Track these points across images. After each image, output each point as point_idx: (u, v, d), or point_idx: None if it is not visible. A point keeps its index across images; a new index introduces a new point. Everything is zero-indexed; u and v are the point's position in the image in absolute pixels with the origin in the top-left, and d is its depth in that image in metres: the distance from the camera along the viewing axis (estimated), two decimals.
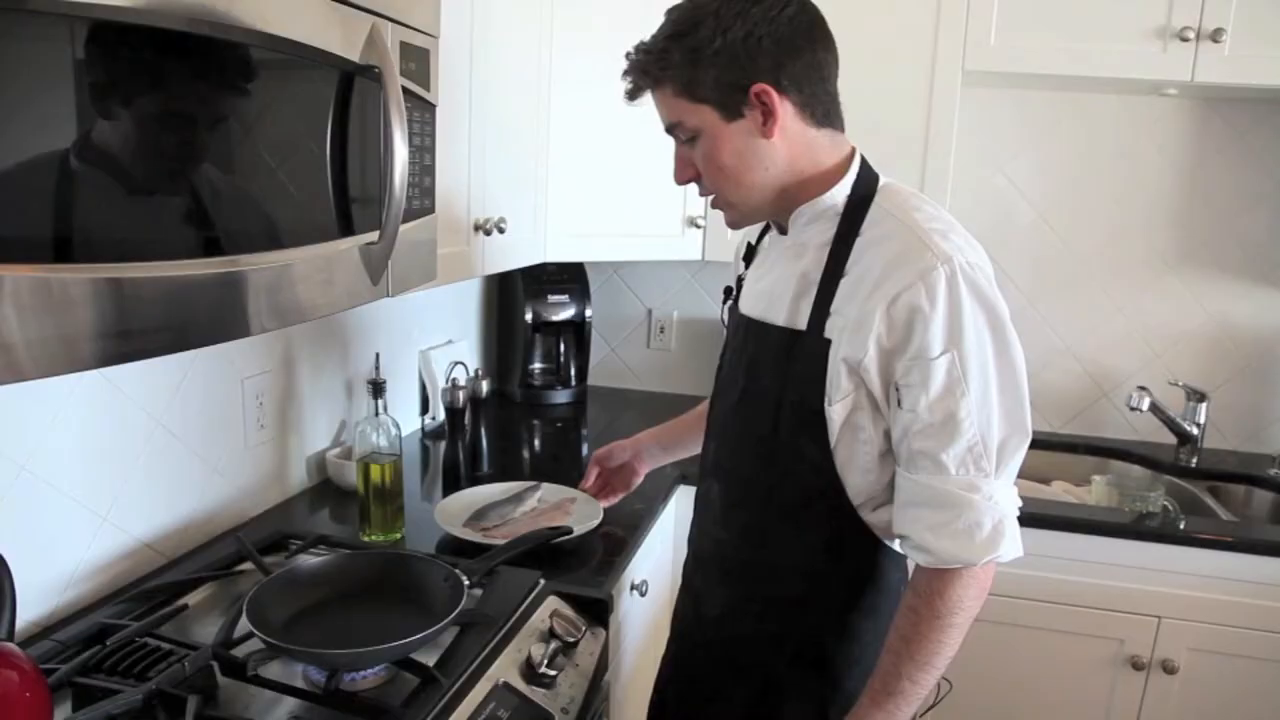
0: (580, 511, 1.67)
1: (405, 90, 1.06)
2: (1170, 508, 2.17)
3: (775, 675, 1.22)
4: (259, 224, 0.91)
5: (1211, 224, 2.38)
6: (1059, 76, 2.10)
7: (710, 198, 1.19)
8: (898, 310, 1.02)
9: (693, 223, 2.22)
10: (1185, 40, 1.95)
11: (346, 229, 1.03)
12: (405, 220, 1.08)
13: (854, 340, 1.05)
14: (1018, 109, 2.41)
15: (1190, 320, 2.42)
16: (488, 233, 1.60)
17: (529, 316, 2.46)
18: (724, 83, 1.06)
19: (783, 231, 1.20)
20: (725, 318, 1.35)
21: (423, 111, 1.17)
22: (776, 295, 1.16)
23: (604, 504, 1.66)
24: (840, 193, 1.12)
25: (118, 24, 0.70)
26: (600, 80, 1.97)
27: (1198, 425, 2.34)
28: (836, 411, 1.09)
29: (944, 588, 1.05)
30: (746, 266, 1.31)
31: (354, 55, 0.98)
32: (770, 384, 1.15)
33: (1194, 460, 2.33)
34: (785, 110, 1.08)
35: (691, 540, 1.36)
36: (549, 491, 1.74)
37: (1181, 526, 1.95)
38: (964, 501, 1.03)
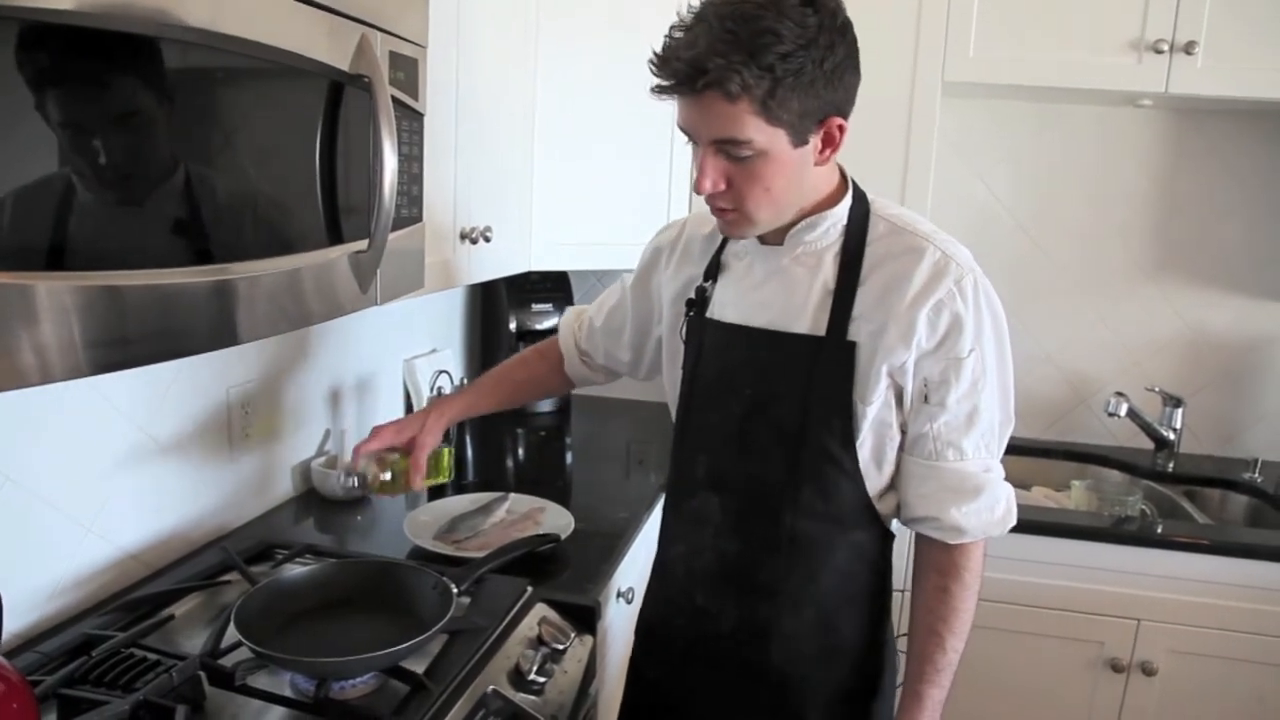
0: (550, 520, 1.67)
1: (394, 100, 1.06)
2: (1148, 512, 2.20)
3: (802, 674, 1.23)
4: (249, 232, 0.91)
5: (1187, 233, 2.42)
6: (1037, 88, 2.13)
7: (715, 203, 1.15)
8: (940, 315, 1.12)
9: None
10: (1159, 52, 1.99)
11: (336, 237, 1.04)
12: (394, 229, 1.08)
13: (894, 344, 1.12)
14: (997, 119, 2.44)
15: (1167, 327, 2.46)
16: (474, 241, 1.61)
17: (513, 325, 2.46)
18: (805, 110, 1.04)
19: (763, 242, 1.21)
20: (684, 332, 1.31)
21: (411, 121, 1.17)
22: (795, 304, 1.18)
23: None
24: (844, 208, 1.18)
25: (100, 32, 0.70)
26: (585, 90, 1.99)
27: (1174, 430, 2.37)
28: (870, 411, 1.15)
29: (968, 560, 1.18)
30: (709, 280, 1.29)
31: (344, 65, 0.98)
32: (794, 389, 1.17)
33: (1171, 465, 2.36)
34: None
35: (681, 558, 1.30)
36: (516, 501, 1.75)
37: (1159, 530, 1.98)
38: (985, 481, 1.16)
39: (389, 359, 2.13)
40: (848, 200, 1.18)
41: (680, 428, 1.31)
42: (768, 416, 1.19)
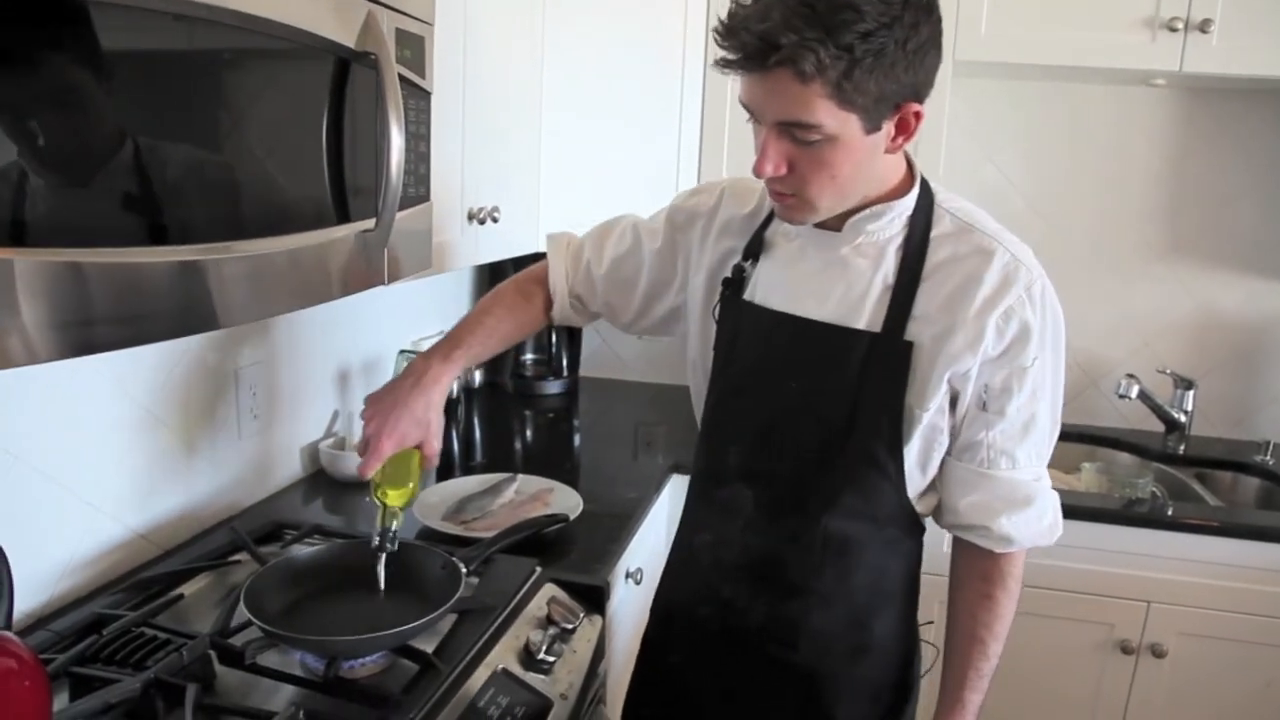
0: (559, 501, 1.67)
1: (401, 78, 1.05)
2: (1158, 494, 2.19)
3: (831, 671, 1.20)
4: (253, 210, 0.90)
5: (1198, 213, 2.39)
6: (1049, 66, 2.11)
7: (774, 187, 1.07)
8: (1009, 322, 1.07)
9: None
10: (1174, 30, 1.96)
11: (343, 216, 1.03)
12: (401, 208, 1.08)
13: (960, 350, 1.07)
14: (1008, 99, 2.42)
15: (1178, 309, 2.44)
16: (481, 222, 1.60)
17: None
18: (882, 95, 0.96)
19: (817, 226, 1.13)
20: (717, 312, 1.24)
21: (418, 99, 1.16)
22: (854, 298, 1.11)
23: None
24: (911, 199, 1.11)
25: (110, 3, 0.69)
26: (592, 69, 1.98)
27: (1185, 413, 2.36)
28: (925, 417, 1.10)
29: (1013, 567, 1.17)
30: (749, 259, 1.22)
31: (350, 42, 0.98)
32: (844, 387, 1.11)
33: (1181, 447, 2.35)
34: None
35: (707, 547, 1.25)
36: (525, 482, 1.74)
37: (1169, 512, 1.97)
38: (1035, 491, 1.14)
39: (396, 340, 2.13)
40: (915, 191, 1.11)
41: (711, 414, 1.26)
42: (812, 413, 1.14)
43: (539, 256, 1.49)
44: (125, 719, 0.99)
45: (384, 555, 1.21)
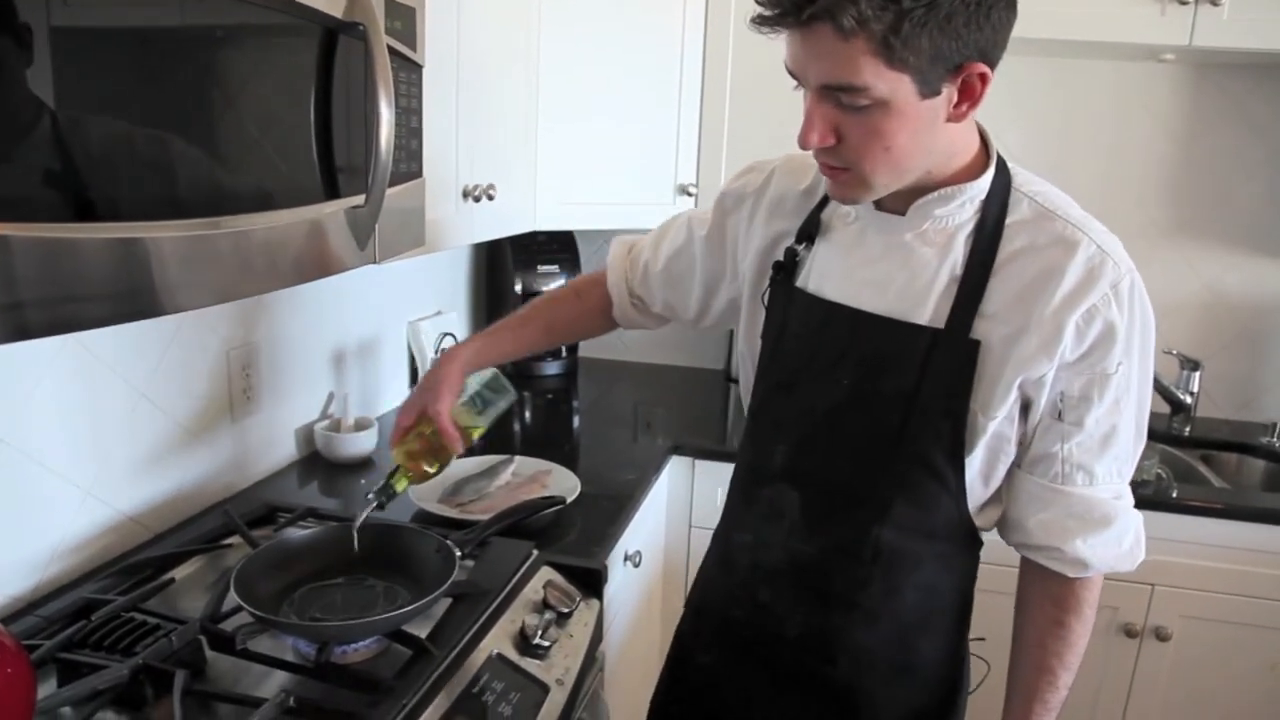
0: (556, 483, 1.65)
1: (391, 50, 1.02)
2: (1163, 475, 2.16)
3: (870, 690, 1.13)
4: (240, 186, 0.88)
5: (1206, 192, 2.36)
6: (1055, 41, 2.06)
7: (823, 160, 0.98)
8: (1091, 324, 0.97)
9: (684, 190, 2.19)
10: (1184, 3, 1.92)
11: (331, 193, 1.01)
12: (392, 184, 1.05)
13: (1033, 354, 0.97)
14: (1012, 75, 2.36)
15: (1184, 289, 2.41)
16: (476, 199, 1.57)
17: (518, 287, 2.43)
18: (938, 53, 0.86)
19: (879, 208, 1.05)
20: (766, 298, 1.15)
21: (409, 72, 1.14)
22: (917, 290, 1.01)
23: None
24: (986, 181, 1.00)
25: None
26: (590, 43, 1.95)
27: (1191, 394, 2.33)
28: (992, 426, 1.01)
29: (1088, 594, 1.07)
30: (803, 242, 1.12)
31: (338, 12, 0.95)
32: (902, 388, 1.01)
33: (1187, 429, 2.33)
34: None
35: (747, 549, 1.17)
36: (522, 464, 1.72)
37: (1174, 494, 1.95)
38: (1115, 510, 1.04)
39: (392, 321, 2.11)
40: (990, 173, 1.00)
41: (757, 407, 1.18)
42: (866, 415, 1.05)
43: (536, 235, 1.46)
44: (113, 705, 0.98)
45: (371, 506, 1.23)
